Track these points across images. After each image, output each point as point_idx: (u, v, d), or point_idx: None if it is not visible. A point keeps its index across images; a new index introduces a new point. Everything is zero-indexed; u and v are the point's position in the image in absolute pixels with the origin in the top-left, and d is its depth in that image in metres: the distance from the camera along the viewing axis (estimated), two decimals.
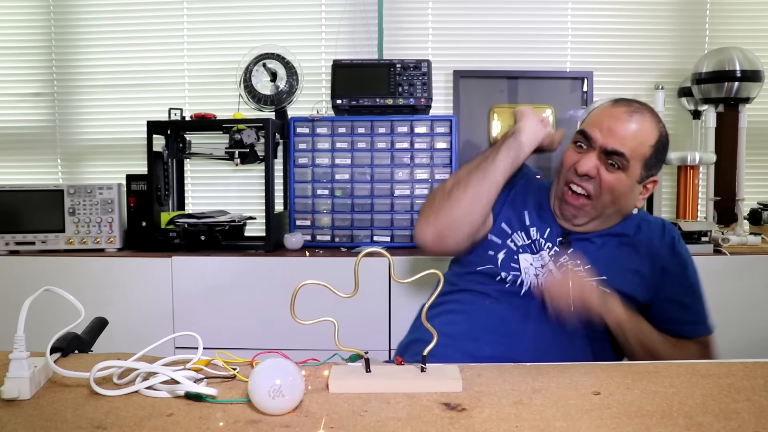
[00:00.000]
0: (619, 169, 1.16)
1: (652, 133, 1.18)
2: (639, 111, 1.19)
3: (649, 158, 1.18)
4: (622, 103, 1.21)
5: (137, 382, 0.79)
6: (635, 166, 1.17)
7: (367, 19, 2.39)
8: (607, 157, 1.16)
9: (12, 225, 2.03)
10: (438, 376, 0.81)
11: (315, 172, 2.09)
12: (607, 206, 1.19)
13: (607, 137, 1.16)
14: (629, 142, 1.16)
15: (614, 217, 1.23)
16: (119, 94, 2.46)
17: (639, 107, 1.20)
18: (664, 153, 1.22)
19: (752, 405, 0.73)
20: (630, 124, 1.16)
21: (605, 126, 1.17)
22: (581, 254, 1.19)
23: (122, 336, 1.44)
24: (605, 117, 1.18)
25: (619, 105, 1.20)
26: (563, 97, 2.30)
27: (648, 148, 1.17)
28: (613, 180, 1.17)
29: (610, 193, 1.17)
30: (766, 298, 1.91)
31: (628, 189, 1.19)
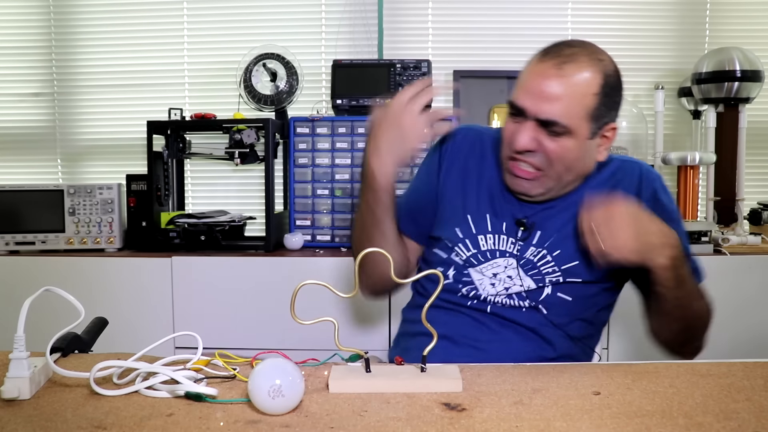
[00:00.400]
0: (562, 134, 1.00)
1: (593, 79, 1.00)
2: (570, 59, 1.00)
3: (596, 108, 1.01)
4: (550, 54, 1.02)
5: (137, 382, 0.79)
6: (580, 125, 1.00)
7: (367, 19, 2.39)
8: (544, 127, 1.01)
9: (12, 225, 2.03)
10: (438, 376, 0.81)
11: (315, 172, 2.09)
12: (563, 174, 1.05)
13: (538, 104, 0.99)
14: (565, 104, 0.99)
15: (577, 180, 1.09)
16: (119, 94, 2.46)
17: (570, 54, 1.01)
18: (617, 93, 1.04)
19: (752, 405, 0.73)
20: (561, 81, 0.99)
21: (534, 90, 1.00)
22: (547, 237, 1.08)
23: (122, 336, 1.44)
24: (533, 78, 1.01)
25: (545, 59, 1.02)
26: None
27: (591, 98, 1.00)
28: (558, 148, 1.01)
29: (560, 161, 1.02)
30: (766, 298, 1.91)
31: (581, 152, 1.03)
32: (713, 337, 1.92)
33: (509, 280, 1.09)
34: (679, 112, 2.42)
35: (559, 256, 1.07)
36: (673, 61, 2.41)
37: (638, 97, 2.39)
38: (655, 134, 2.15)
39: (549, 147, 1.01)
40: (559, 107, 0.99)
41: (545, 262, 1.08)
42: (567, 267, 1.07)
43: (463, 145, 1.18)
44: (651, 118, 2.19)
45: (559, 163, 1.03)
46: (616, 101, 1.05)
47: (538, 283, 1.08)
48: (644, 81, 2.40)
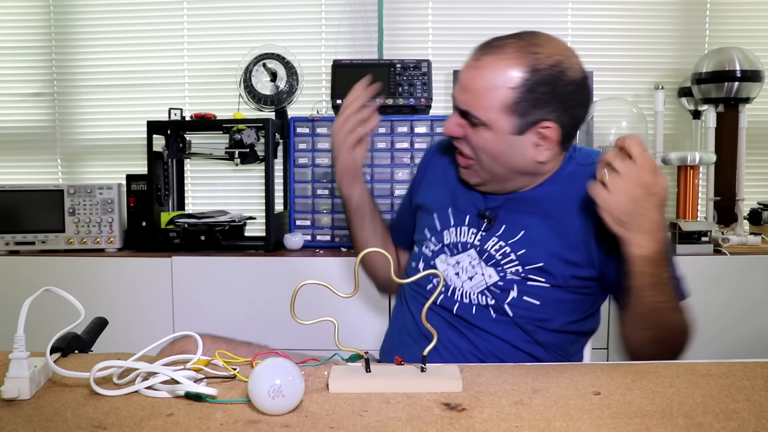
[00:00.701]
0: (479, 126, 1.00)
1: (513, 72, 0.97)
2: (492, 51, 0.99)
3: (516, 103, 0.97)
4: (482, 45, 1.02)
5: (137, 382, 0.79)
6: (497, 118, 0.98)
7: (367, 19, 2.39)
8: (464, 116, 1.03)
9: (12, 225, 2.03)
10: (438, 376, 0.81)
11: (315, 172, 2.09)
12: (492, 166, 1.03)
13: (458, 94, 1.02)
14: (476, 96, 0.99)
15: (517, 177, 1.06)
16: (119, 94, 2.46)
17: (497, 46, 0.99)
18: (550, 90, 0.98)
19: (752, 405, 0.73)
20: (476, 73, 0.99)
21: (459, 80, 1.03)
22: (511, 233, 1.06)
23: (122, 336, 1.44)
24: (463, 68, 1.03)
25: (476, 50, 1.02)
26: None
27: (507, 91, 0.97)
28: (479, 139, 1.01)
29: (483, 152, 1.02)
30: (766, 298, 1.91)
31: (503, 146, 1.00)
32: (714, 337, 1.93)
33: (471, 269, 1.08)
34: (679, 112, 2.42)
35: (523, 256, 1.05)
36: (673, 61, 2.41)
37: (638, 97, 2.39)
38: (655, 134, 2.15)
39: (471, 137, 1.03)
40: (471, 98, 1.00)
41: (508, 261, 1.05)
42: (530, 268, 1.04)
43: (436, 153, 1.25)
44: (651, 118, 2.20)
45: (482, 153, 1.03)
46: (546, 98, 0.98)
47: (499, 274, 1.05)
48: (644, 81, 2.40)
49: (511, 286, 1.05)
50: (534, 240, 1.04)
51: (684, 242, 1.93)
